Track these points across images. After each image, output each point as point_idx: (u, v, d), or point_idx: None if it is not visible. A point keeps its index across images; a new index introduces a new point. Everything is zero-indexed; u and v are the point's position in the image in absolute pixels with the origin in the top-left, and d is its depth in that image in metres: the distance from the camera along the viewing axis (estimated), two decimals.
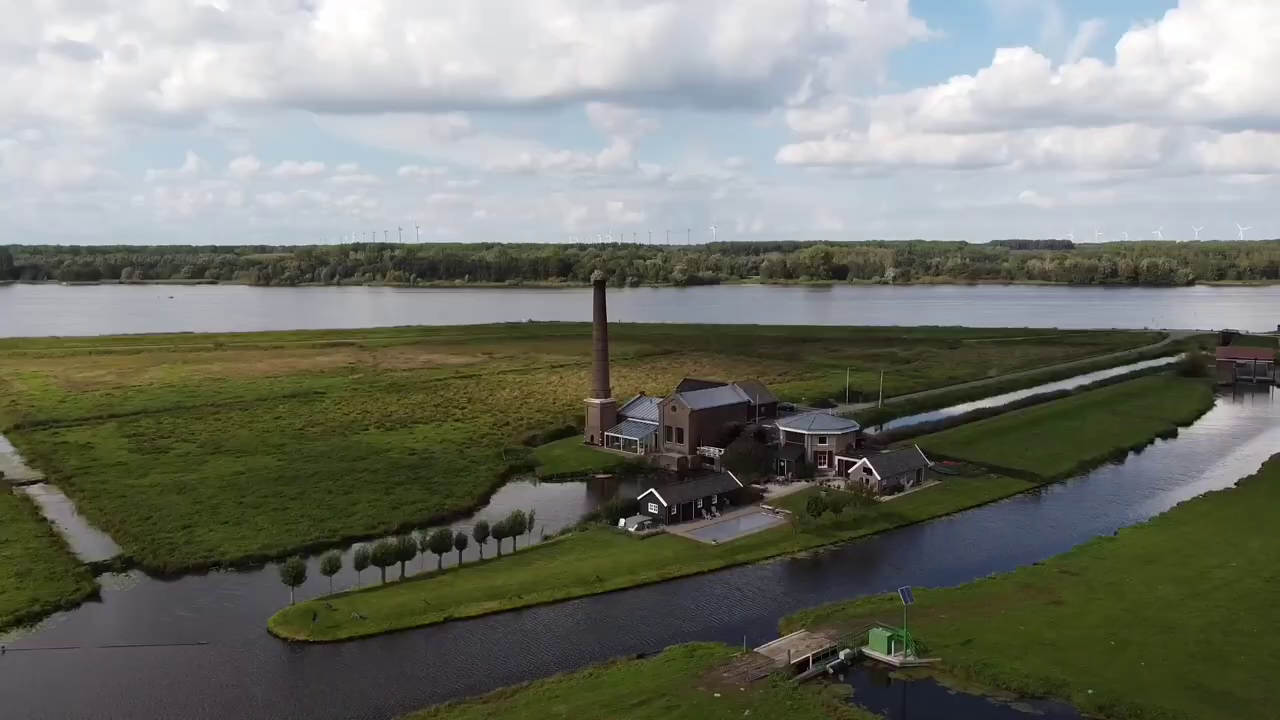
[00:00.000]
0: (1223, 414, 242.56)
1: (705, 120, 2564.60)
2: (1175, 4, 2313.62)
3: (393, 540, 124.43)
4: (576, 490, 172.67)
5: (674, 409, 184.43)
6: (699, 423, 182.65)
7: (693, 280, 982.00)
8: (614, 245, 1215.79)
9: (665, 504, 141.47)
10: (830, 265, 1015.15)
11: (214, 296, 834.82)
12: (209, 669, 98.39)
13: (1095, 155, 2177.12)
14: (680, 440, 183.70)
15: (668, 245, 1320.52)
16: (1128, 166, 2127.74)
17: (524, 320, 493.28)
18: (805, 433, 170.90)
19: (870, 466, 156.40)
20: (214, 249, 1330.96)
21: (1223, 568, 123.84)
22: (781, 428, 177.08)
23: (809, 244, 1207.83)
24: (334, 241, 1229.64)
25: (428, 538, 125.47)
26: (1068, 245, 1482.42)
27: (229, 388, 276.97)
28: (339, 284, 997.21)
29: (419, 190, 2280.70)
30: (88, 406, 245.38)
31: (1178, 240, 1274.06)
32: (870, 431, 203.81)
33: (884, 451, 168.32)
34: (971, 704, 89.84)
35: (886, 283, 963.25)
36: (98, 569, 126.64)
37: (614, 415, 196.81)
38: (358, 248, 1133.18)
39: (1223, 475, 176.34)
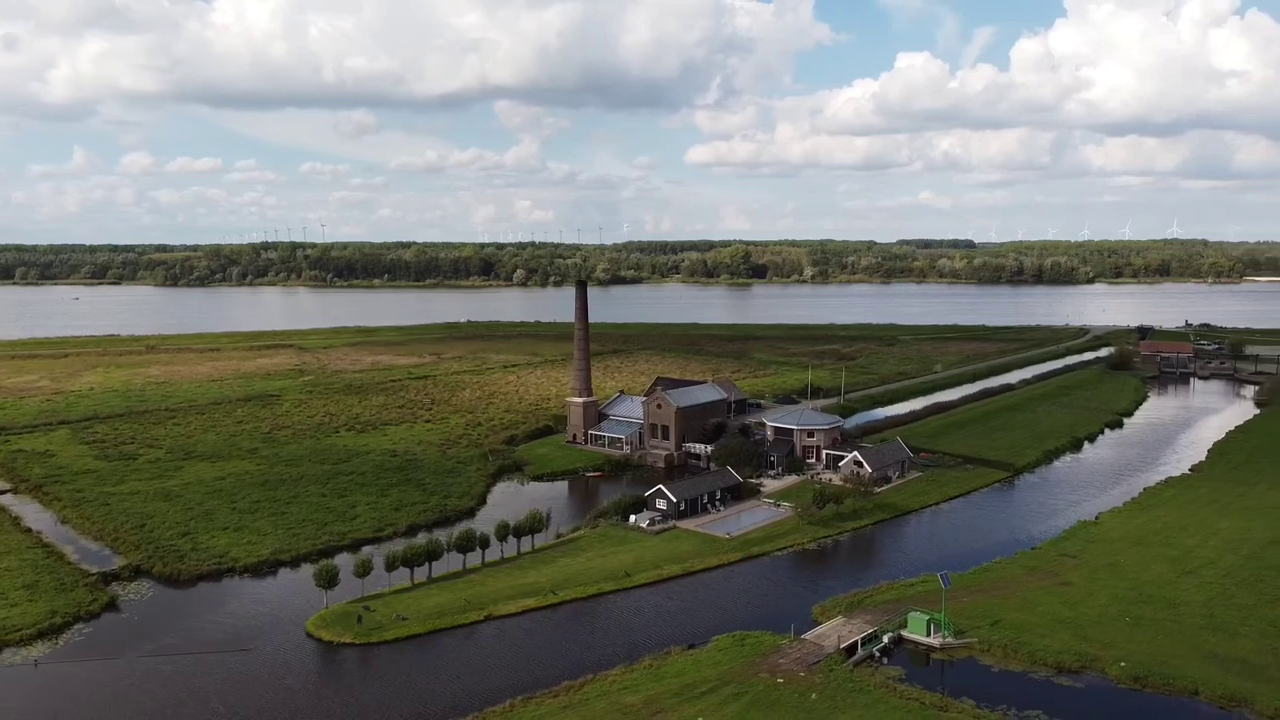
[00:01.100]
0: (1157, 405, 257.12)
1: (614, 119, 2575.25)
2: (1064, 13, 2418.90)
3: (421, 541, 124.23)
4: (569, 489, 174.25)
5: (659, 406, 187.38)
6: (684, 420, 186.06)
7: (616, 279, 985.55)
8: (533, 244, 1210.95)
9: (674, 499, 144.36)
10: (750, 264, 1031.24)
11: (121, 297, 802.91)
12: (265, 675, 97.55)
13: (991, 157, 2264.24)
14: (666, 437, 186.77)
15: (585, 244, 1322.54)
16: (1021, 168, 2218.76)
17: (462, 320, 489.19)
18: (794, 428, 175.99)
19: (861, 459, 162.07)
20: (113, 248, 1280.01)
21: (1203, 547, 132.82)
22: (769, 423, 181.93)
23: (725, 243, 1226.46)
24: (233, 240, 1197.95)
25: (453, 538, 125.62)
26: (970, 244, 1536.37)
27: (177, 391, 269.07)
28: (251, 284, 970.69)
29: (321, 188, 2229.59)
30: (32, 413, 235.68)
31: (1070, 240, 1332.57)
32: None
33: (870, 445, 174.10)
34: (1016, 679, 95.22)
35: (805, 281, 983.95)
36: (107, 578, 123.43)
37: (596, 414, 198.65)
38: (268, 246, 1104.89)
39: (1177, 462, 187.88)
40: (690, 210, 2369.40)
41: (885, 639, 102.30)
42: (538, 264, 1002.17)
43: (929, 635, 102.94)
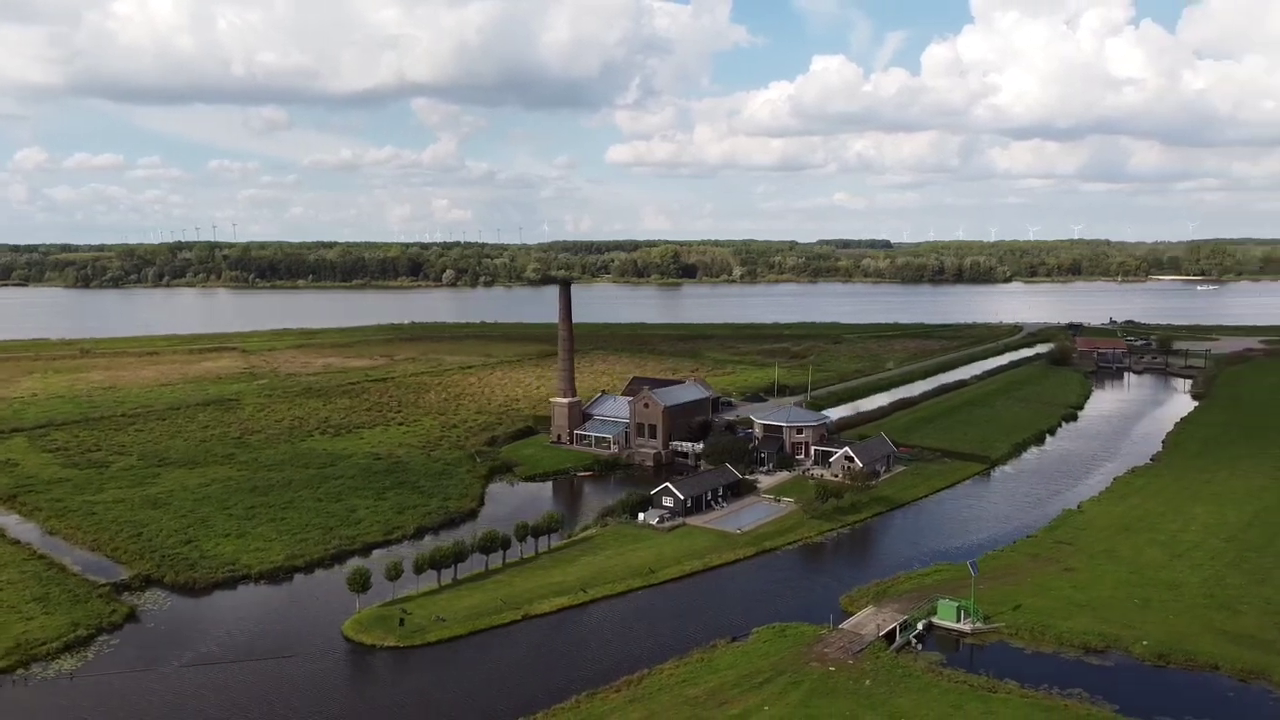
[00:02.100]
0: (1102, 398, 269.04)
1: (534, 118, 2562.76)
2: (971, 20, 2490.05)
3: (447, 543, 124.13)
4: (563, 489, 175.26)
5: (646, 406, 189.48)
6: (671, 419, 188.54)
7: (546, 279, 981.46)
8: (461, 244, 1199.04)
9: (681, 497, 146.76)
10: (679, 264, 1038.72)
11: (31, 299, 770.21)
12: (321, 680, 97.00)
13: (903, 159, 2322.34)
14: (653, 436, 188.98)
15: (507, 244, 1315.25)
16: (932, 170, 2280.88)
17: (405, 322, 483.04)
18: (784, 425, 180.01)
19: (852, 454, 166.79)
20: (14, 248, 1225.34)
21: (1185, 532, 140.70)
22: (759, 420, 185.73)
23: (650, 243, 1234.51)
24: (137, 239, 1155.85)
25: (476, 539, 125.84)
26: (886, 244, 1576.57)
27: (128, 396, 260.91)
28: (168, 285, 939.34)
29: (230, 186, 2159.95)
30: None
31: (979, 240, 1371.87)
32: None
33: (858, 441, 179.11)
34: (1048, 660, 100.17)
35: (734, 281, 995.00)
36: (119, 589, 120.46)
37: (581, 414, 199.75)
38: (183, 246, 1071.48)
39: (1137, 452, 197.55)
40: (610, 210, 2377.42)
41: (919, 626, 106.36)
42: (467, 264, 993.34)
43: (959, 621, 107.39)
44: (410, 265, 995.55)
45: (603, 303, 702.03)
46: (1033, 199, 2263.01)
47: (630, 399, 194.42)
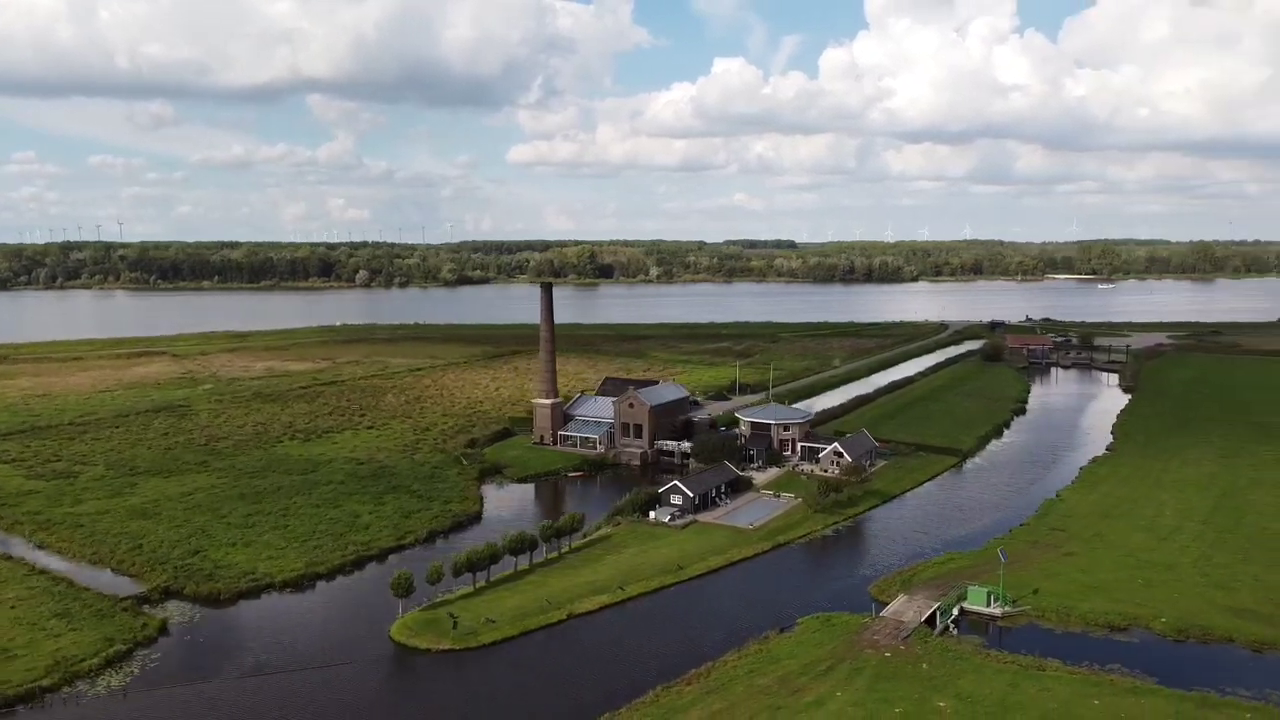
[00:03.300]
0: (1041, 393, 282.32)
1: (434, 117, 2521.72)
2: (866, 25, 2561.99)
3: (481, 545, 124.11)
4: (558, 490, 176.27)
5: (631, 406, 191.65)
6: (656, 418, 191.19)
7: (462, 279, 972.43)
8: (372, 244, 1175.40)
9: (690, 495, 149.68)
10: (596, 264, 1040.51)
11: None
12: (383, 686, 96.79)
13: (801, 161, 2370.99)
14: (639, 436, 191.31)
15: (410, 243, 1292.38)
16: (829, 172, 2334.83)
17: (336, 324, 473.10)
18: (772, 422, 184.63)
19: (842, 450, 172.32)
20: None
21: (1162, 517, 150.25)
22: (746, 419, 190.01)
23: (562, 243, 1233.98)
24: (11, 239, 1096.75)
25: (507, 540, 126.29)
26: (792, 245, 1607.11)
27: (67, 404, 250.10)
28: (61, 287, 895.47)
29: (113, 183, 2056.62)
30: None
31: (876, 240, 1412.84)
32: None
33: (846, 437, 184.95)
34: (1079, 639, 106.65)
35: (651, 281, 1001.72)
36: (140, 602, 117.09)
37: (563, 415, 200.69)
38: (73, 246, 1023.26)
39: (1090, 442, 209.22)
40: (512, 210, 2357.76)
41: (955, 611, 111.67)
42: (380, 264, 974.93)
43: (989, 606, 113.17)
44: (321, 265, 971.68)
45: (525, 303, 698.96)
46: (925, 200, 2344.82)
47: (614, 399, 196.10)
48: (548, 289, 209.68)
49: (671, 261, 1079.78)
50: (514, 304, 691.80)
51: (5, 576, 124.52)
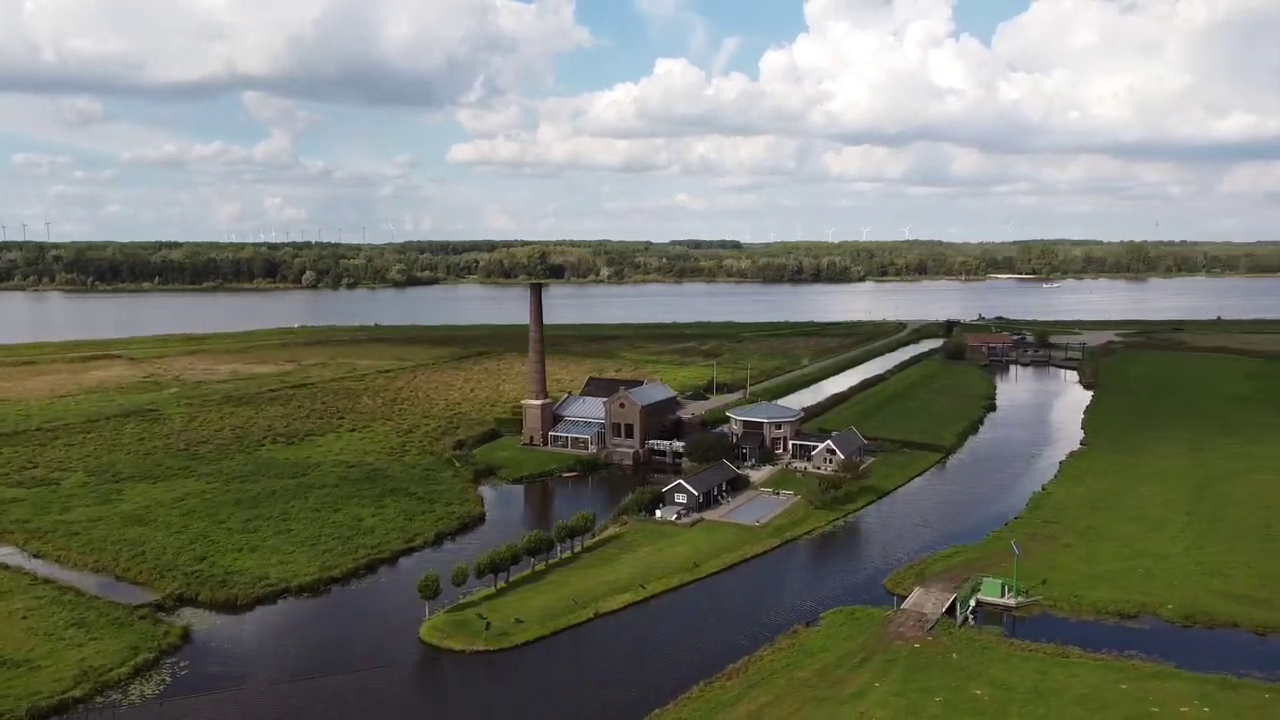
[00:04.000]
0: (1006, 390, 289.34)
1: (373, 115, 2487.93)
2: (806, 28, 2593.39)
3: (501, 546, 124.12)
4: (553, 490, 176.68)
5: (622, 406, 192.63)
6: (647, 418, 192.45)
7: (411, 280, 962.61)
8: (318, 244, 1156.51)
9: (695, 493, 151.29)
10: (547, 264, 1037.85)
11: None
12: (429, 688, 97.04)
13: (742, 161, 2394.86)
14: (630, 436, 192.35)
15: (362, 244, 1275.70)
16: (769, 173, 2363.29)
17: (295, 326, 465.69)
18: (764, 421, 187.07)
19: (835, 447, 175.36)
20: None
21: (1147, 509, 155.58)
22: (738, 418, 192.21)
23: (508, 243, 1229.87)
24: None
25: (525, 541, 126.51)
26: (737, 245, 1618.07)
27: (30, 410, 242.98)
28: None
29: (37, 181, 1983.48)
30: None
31: (818, 240, 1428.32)
32: None
33: (836, 434, 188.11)
34: (1092, 626, 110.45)
35: (602, 281, 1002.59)
36: (156, 609, 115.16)
37: (552, 416, 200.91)
38: (1, 246, 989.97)
39: (1063, 437, 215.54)
40: (453, 209, 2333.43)
41: (973, 602, 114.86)
42: (326, 265, 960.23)
43: (1003, 596, 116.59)
44: (265, 266, 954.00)
45: (476, 304, 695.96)
46: (863, 201, 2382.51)
47: (604, 399, 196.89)
48: (537, 290, 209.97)
49: (622, 262, 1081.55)
50: (465, 305, 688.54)
51: (8, 587, 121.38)
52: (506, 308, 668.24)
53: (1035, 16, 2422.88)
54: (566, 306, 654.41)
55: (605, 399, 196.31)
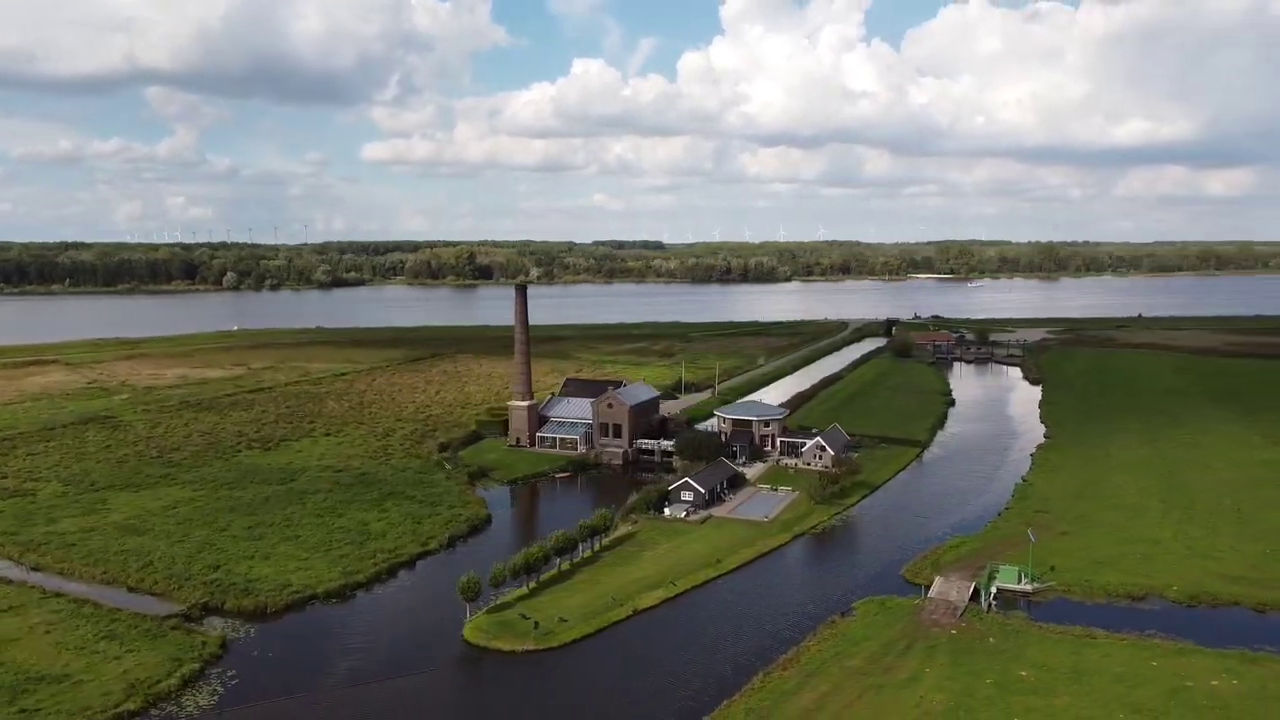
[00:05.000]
0: (959, 386, 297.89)
1: (284, 112, 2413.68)
2: (722, 31, 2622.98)
3: (535, 548, 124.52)
4: (549, 490, 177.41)
5: (610, 406, 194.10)
6: (635, 418, 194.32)
7: (337, 282, 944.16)
8: (239, 244, 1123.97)
9: (702, 491, 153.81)
10: (475, 265, 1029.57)
11: None
12: (492, 689, 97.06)
13: (660, 162, 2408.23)
14: (618, 435, 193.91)
15: (283, 245, 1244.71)
16: (687, 173, 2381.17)
17: (233, 328, 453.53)
18: (753, 419, 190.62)
19: (825, 444, 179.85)
20: None
21: (1124, 497, 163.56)
22: (727, 416, 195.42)
23: (433, 244, 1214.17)
24: None
25: (552, 541, 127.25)
26: (660, 245, 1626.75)
27: None
28: None
29: None
30: None
31: (736, 241, 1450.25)
32: None
33: (822, 431, 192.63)
34: (1106, 609, 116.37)
35: (532, 282, 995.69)
36: (185, 619, 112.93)
37: (538, 417, 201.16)
38: None
39: (1026, 430, 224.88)
40: (367, 209, 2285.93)
41: (994, 589, 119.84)
42: (247, 266, 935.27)
43: (1019, 583, 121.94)
44: (183, 267, 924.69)
45: (407, 306, 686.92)
46: (779, 202, 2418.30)
47: (591, 400, 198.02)
48: (522, 292, 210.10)
49: (550, 262, 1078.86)
50: (396, 306, 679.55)
51: (19, 601, 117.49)
52: (438, 308, 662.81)
53: (943, 23, 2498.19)
54: (503, 307, 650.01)
55: (592, 399, 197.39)
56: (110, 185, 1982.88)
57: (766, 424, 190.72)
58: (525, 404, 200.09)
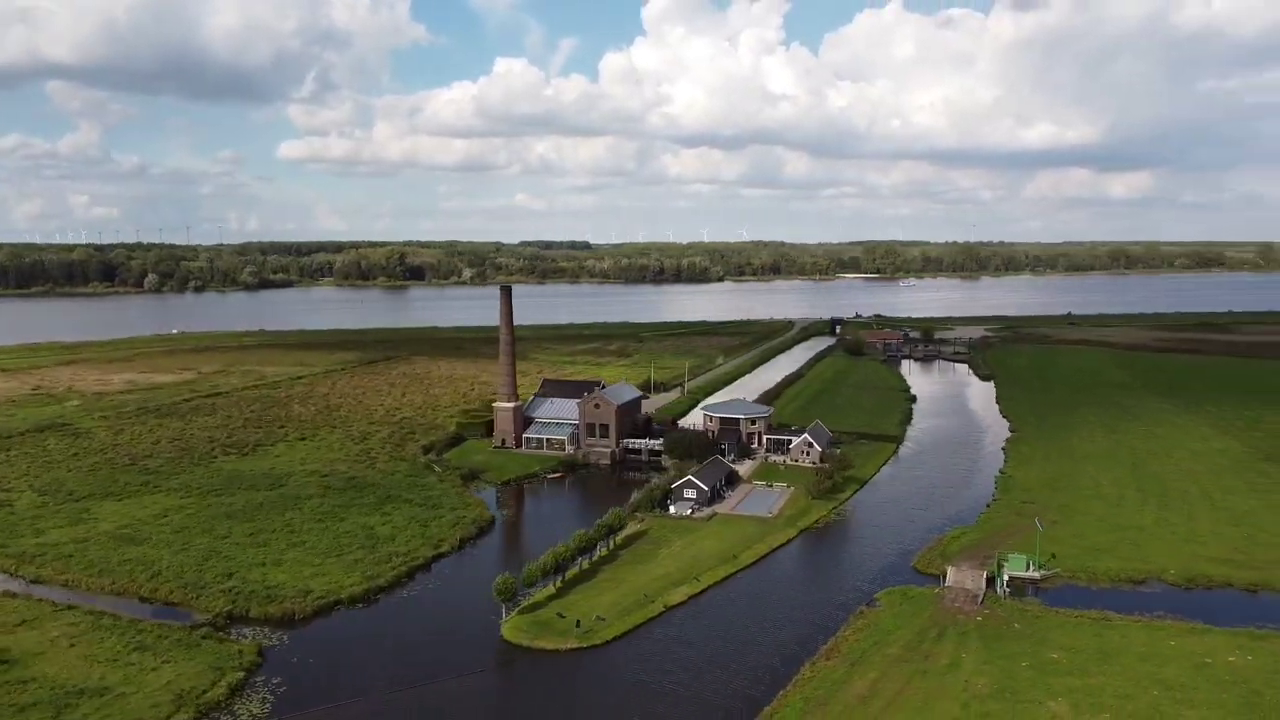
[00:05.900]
0: (915, 383, 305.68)
1: (195, 109, 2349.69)
2: (644, 32, 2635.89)
3: (561, 547, 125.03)
4: (543, 491, 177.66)
5: (597, 407, 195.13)
6: (621, 418, 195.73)
7: (264, 283, 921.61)
8: (155, 245, 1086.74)
9: (706, 489, 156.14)
10: (405, 266, 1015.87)
11: None
12: (551, 687, 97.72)
13: (582, 162, 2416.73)
14: (605, 435, 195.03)
15: (201, 245, 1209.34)
16: (609, 174, 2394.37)
17: (174, 331, 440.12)
18: (741, 418, 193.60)
19: (812, 441, 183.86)
20: None
21: (1101, 487, 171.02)
22: (715, 415, 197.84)
23: (359, 244, 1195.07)
24: None
25: (574, 541, 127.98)
26: (587, 246, 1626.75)
27: None
28: None
29: None
30: None
31: (659, 241, 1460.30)
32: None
33: (804, 428, 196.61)
34: (1112, 593, 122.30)
35: (465, 283, 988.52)
36: (213, 628, 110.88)
37: (524, 418, 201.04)
38: None
39: (990, 425, 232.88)
40: (281, 208, 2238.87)
41: (1006, 576, 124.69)
42: (169, 268, 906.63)
43: (1027, 570, 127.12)
44: (101, 269, 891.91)
45: (338, 307, 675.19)
46: (702, 203, 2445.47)
47: (577, 400, 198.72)
48: (508, 293, 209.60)
49: (483, 263, 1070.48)
50: (330, 308, 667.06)
51: (30, 614, 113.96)
52: (374, 310, 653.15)
53: (859, 28, 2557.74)
54: (441, 309, 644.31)
55: (578, 400, 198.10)
56: (8, 183, 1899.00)
57: (754, 422, 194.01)
58: (511, 405, 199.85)
